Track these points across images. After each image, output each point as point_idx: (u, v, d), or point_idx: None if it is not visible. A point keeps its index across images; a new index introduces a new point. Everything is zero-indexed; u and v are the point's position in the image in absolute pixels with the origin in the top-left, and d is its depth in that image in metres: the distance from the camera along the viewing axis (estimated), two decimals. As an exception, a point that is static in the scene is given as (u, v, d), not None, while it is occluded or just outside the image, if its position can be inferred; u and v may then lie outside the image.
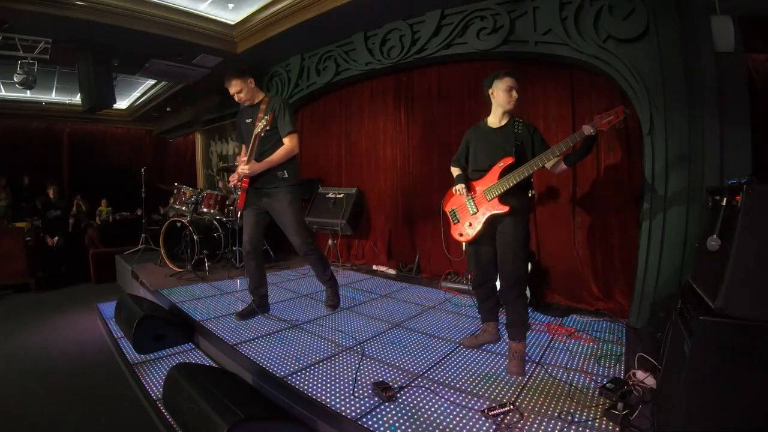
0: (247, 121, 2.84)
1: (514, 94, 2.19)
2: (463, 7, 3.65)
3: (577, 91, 3.39)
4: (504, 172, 2.15)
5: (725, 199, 1.49)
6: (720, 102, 2.53)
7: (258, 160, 2.74)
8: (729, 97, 2.52)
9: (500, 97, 2.22)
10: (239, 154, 3.05)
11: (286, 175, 2.80)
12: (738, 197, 1.38)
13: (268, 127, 2.63)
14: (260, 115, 2.71)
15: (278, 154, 2.73)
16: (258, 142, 2.69)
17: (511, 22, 3.40)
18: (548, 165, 2.17)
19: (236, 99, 2.82)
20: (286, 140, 2.75)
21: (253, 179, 2.78)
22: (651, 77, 2.77)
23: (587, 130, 2.00)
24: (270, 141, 2.75)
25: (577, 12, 3.06)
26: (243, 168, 2.71)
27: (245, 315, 2.94)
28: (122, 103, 8.38)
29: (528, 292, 3.18)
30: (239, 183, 2.81)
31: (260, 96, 2.85)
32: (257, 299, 2.99)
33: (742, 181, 1.39)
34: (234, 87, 2.75)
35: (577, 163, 2.16)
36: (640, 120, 2.84)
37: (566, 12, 3.11)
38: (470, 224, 2.28)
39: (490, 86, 2.26)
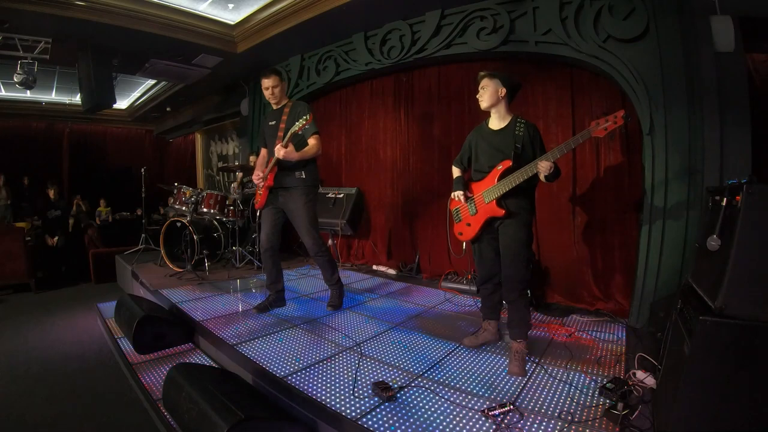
0: (271, 123, 2.99)
1: (479, 94, 2.27)
2: (463, 7, 3.64)
3: (577, 91, 3.39)
4: (502, 176, 2.19)
5: (725, 199, 1.49)
6: (720, 102, 2.53)
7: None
8: (729, 97, 2.52)
9: None
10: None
11: (304, 176, 2.91)
12: (738, 197, 1.38)
13: (307, 126, 2.69)
14: (284, 117, 2.88)
15: (310, 150, 2.85)
16: (291, 139, 2.75)
17: (511, 22, 3.40)
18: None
19: (267, 93, 2.97)
20: (311, 140, 2.88)
21: (274, 179, 2.90)
22: (651, 77, 2.76)
23: (543, 168, 2.03)
24: (297, 140, 2.85)
25: (577, 12, 3.05)
26: (279, 148, 2.70)
27: (263, 308, 3.09)
28: (122, 103, 8.38)
29: (528, 293, 3.19)
30: (262, 182, 2.94)
31: (285, 100, 3.03)
32: (274, 294, 3.15)
33: (742, 181, 1.38)
34: (272, 81, 2.91)
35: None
36: (640, 120, 2.83)
37: (566, 12, 3.10)
38: (469, 224, 2.36)
39: None
